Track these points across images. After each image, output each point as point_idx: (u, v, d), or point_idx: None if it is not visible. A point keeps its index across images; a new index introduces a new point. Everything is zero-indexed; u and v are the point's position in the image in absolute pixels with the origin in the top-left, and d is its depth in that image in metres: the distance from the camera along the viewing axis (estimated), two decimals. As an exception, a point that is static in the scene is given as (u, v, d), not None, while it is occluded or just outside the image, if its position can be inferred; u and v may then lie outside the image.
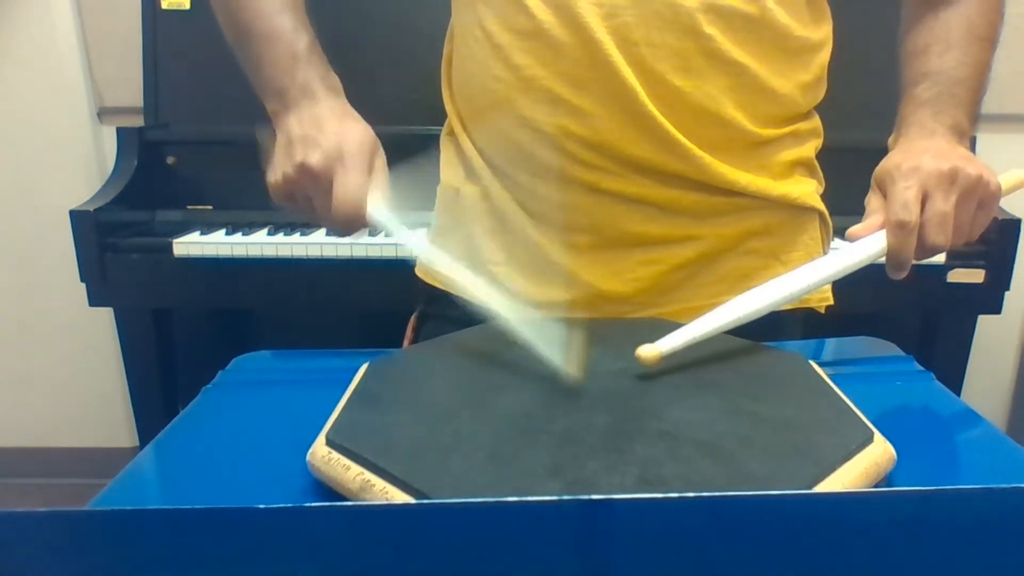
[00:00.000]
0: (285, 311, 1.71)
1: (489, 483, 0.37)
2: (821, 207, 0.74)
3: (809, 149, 0.73)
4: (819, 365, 0.54)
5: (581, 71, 0.63)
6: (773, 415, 0.44)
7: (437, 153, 0.80)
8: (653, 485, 0.36)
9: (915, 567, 0.33)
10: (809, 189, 0.73)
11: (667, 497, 0.32)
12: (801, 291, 0.58)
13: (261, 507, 0.30)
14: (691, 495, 0.32)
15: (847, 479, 0.38)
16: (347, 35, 1.45)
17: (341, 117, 0.66)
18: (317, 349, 0.66)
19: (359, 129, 0.65)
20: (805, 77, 0.69)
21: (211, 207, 1.50)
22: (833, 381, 0.50)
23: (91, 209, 1.32)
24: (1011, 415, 1.85)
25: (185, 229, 1.39)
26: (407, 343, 0.82)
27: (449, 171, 0.78)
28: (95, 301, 1.37)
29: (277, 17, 0.67)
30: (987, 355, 1.68)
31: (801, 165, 0.73)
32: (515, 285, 0.71)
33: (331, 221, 0.63)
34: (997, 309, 1.34)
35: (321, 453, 0.42)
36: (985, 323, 1.40)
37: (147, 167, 1.47)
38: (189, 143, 1.51)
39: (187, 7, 1.49)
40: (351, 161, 0.62)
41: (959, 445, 0.51)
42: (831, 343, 0.68)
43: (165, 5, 1.50)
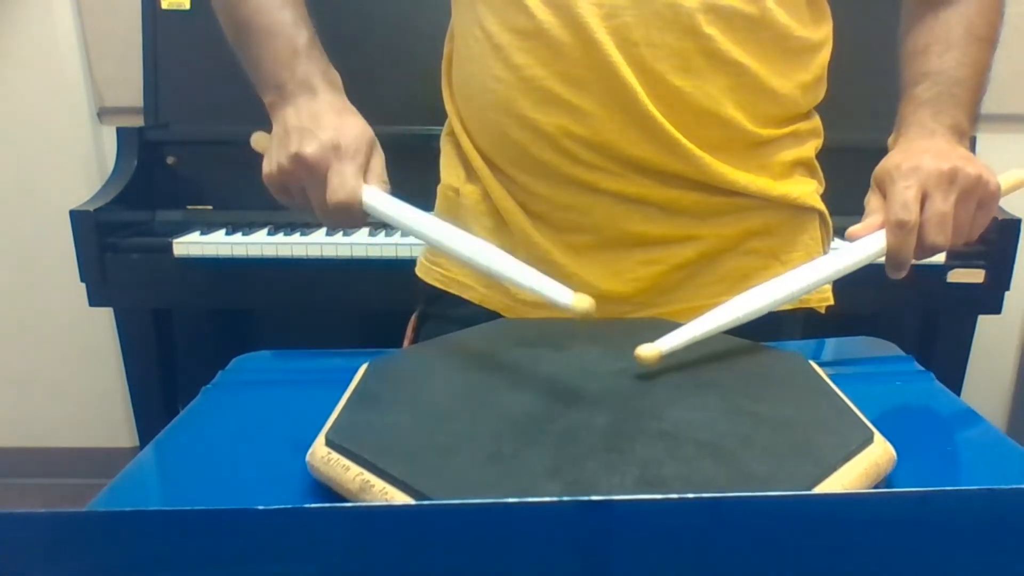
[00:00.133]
0: (285, 311, 1.71)
1: (489, 483, 0.37)
2: (821, 207, 0.74)
3: (809, 149, 0.73)
4: (819, 365, 0.54)
5: (581, 71, 0.63)
6: (773, 415, 0.44)
7: (437, 153, 0.80)
8: (653, 485, 0.36)
9: (915, 567, 0.33)
10: (809, 189, 0.73)
11: (667, 498, 0.32)
12: (800, 291, 0.58)
13: (261, 508, 0.30)
14: (691, 496, 0.32)
15: (847, 479, 0.38)
16: (347, 35, 1.44)
17: (340, 112, 0.66)
18: (317, 349, 0.66)
19: (357, 124, 0.65)
20: (805, 77, 0.69)
21: (211, 207, 1.50)
22: (833, 381, 0.50)
23: (91, 209, 1.32)
24: (1011, 415, 1.85)
25: (185, 229, 1.39)
26: (407, 343, 0.82)
27: (449, 171, 0.78)
28: (95, 301, 1.37)
29: (277, 12, 0.67)
30: (987, 355, 1.68)
31: (801, 165, 0.73)
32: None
33: (326, 212, 0.63)
34: (997, 309, 1.34)
35: (321, 453, 0.42)
36: (985, 323, 1.40)
37: (147, 167, 1.47)
38: (189, 143, 1.51)
39: (187, 7, 1.49)
40: (347, 153, 0.62)
41: (959, 445, 0.51)
42: (831, 343, 0.68)
43: (165, 5, 1.50)
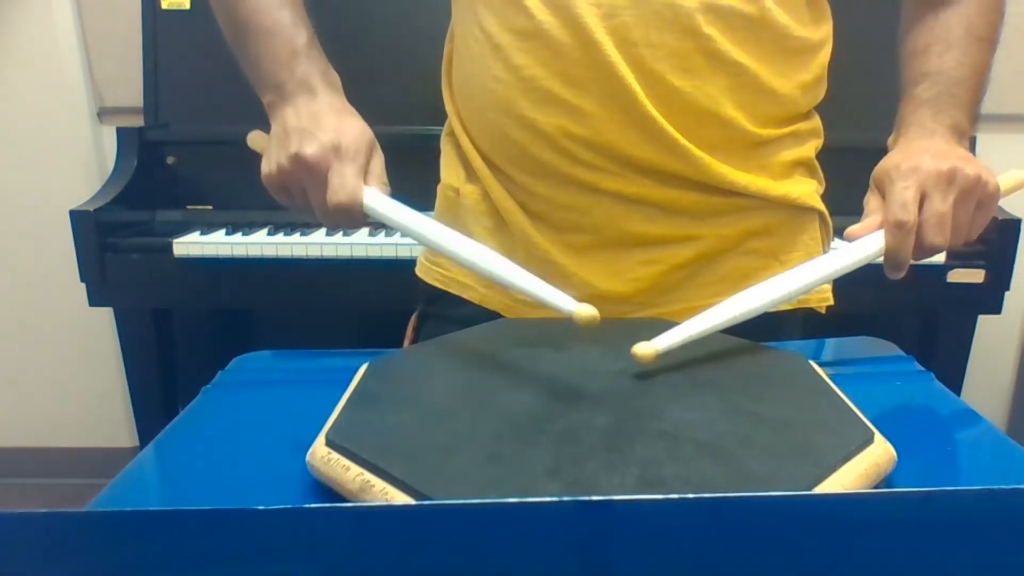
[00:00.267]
0: (285, 311, 1.71)
1: (489, 483, 0.37)
2: (821, 207, 0.74)
3: (809, 149, 0.73)
4: (819, 365, 0.54)
5: (580, 71, 0.63)
6: (773, 415, 0.44)
7: (437, 153, 0.80)
8: (653, 485, 0.36)
9: (915, 567, 0.33)
10: (809, 189, 0.73)
11: (667, 498, 0.32)
12: (799, 290, 0.58)
13: (261, 508, 0.30)
14: (691, 496, 0.32)
15: (847, 479, 0.38)
16: (347, 35, 1.45)
17: (339, 113, 0.66)
18: (317, 349, 0.66)
19: (357, 125, 0.65)
20: (805, 77, 0.69)
21: (211, 207, 1.50)
22: (833, 381, 0.50)
23: (91, 209, 1.32)
24: (1011, 415, 1.85)
25: (185, 229, 1.39)
26: (407, 343, 0.82)
27: (449, 171, 0.78)
28: (95, 301, 1.37)
29: (276, 12, 0.67)
30: (987, 355, 1.68)
31: (801, 165, 0.73)
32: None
33: (326, 213, 0.63)
34: (997, 309, 1.34)
35: (321, 453, 0.41)
36: (985, 323, 1.40)
37: (147, 167, 1.47)
38: (189, 143, 1.51)
39: (187, 7, 1.49)
40: (347, 154, 0.62)
41: (959, 445, 0.51)
42: (831, 343, 0.68)
43: (165, 5, 1.50)
